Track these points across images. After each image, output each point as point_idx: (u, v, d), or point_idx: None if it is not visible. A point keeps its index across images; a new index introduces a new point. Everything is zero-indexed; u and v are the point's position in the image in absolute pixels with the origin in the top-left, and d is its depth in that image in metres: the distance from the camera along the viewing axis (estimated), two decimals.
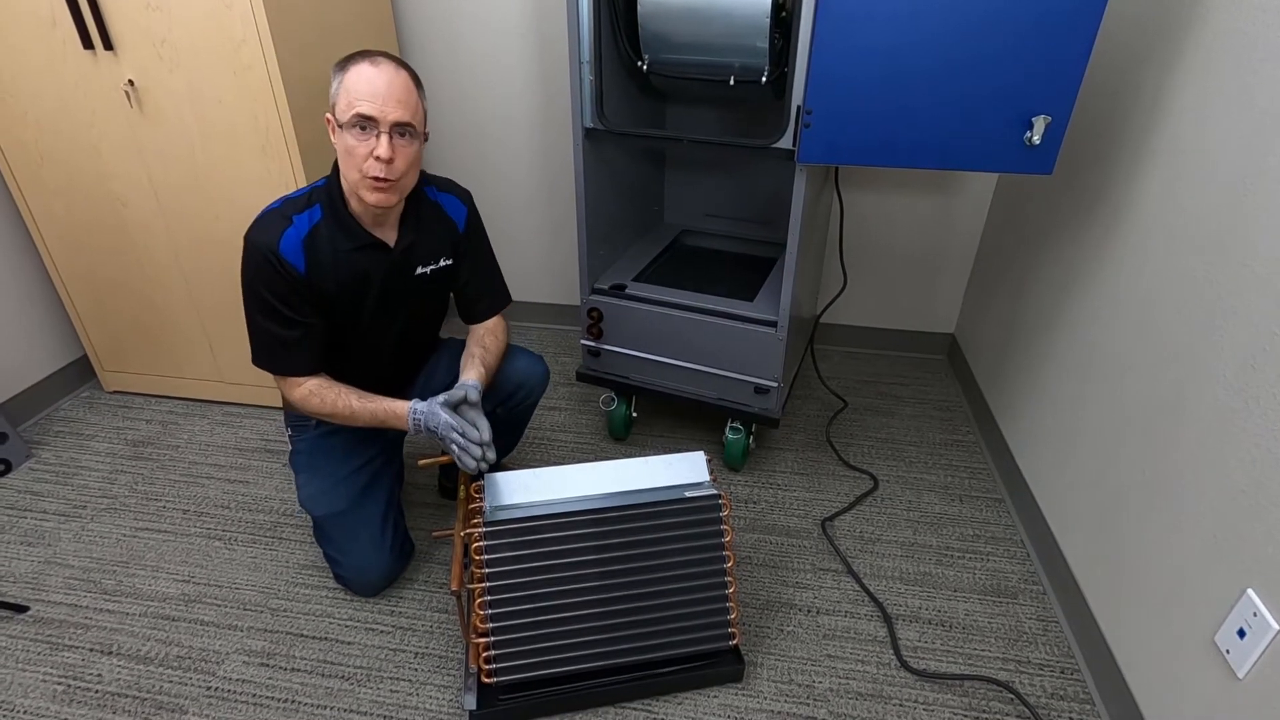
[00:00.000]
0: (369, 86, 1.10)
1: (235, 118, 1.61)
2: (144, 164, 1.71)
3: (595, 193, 1.68)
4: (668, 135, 1.81)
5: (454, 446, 1.22)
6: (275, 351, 1.26)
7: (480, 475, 1.26)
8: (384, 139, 1.12)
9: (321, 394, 1.27)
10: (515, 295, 1.56)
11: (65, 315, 2.05)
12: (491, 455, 1.24)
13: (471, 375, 1.32)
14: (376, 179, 1.14)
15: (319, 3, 1.66)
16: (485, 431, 1.24)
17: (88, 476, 1.79)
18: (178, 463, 1.84)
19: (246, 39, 1.51)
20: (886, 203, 2.14)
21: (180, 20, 1.52)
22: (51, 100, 1.66)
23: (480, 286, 1.44)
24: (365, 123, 1.11)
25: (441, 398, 1.24)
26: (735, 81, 1.52)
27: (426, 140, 1.23)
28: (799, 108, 1.33)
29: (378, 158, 1.12)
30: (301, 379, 1.27)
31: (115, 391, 2.13)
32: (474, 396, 1.27)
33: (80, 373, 2.13)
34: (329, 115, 1.17)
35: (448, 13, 2.05)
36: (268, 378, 1.29)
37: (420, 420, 1.23)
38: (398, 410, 1.25)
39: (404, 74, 1.14)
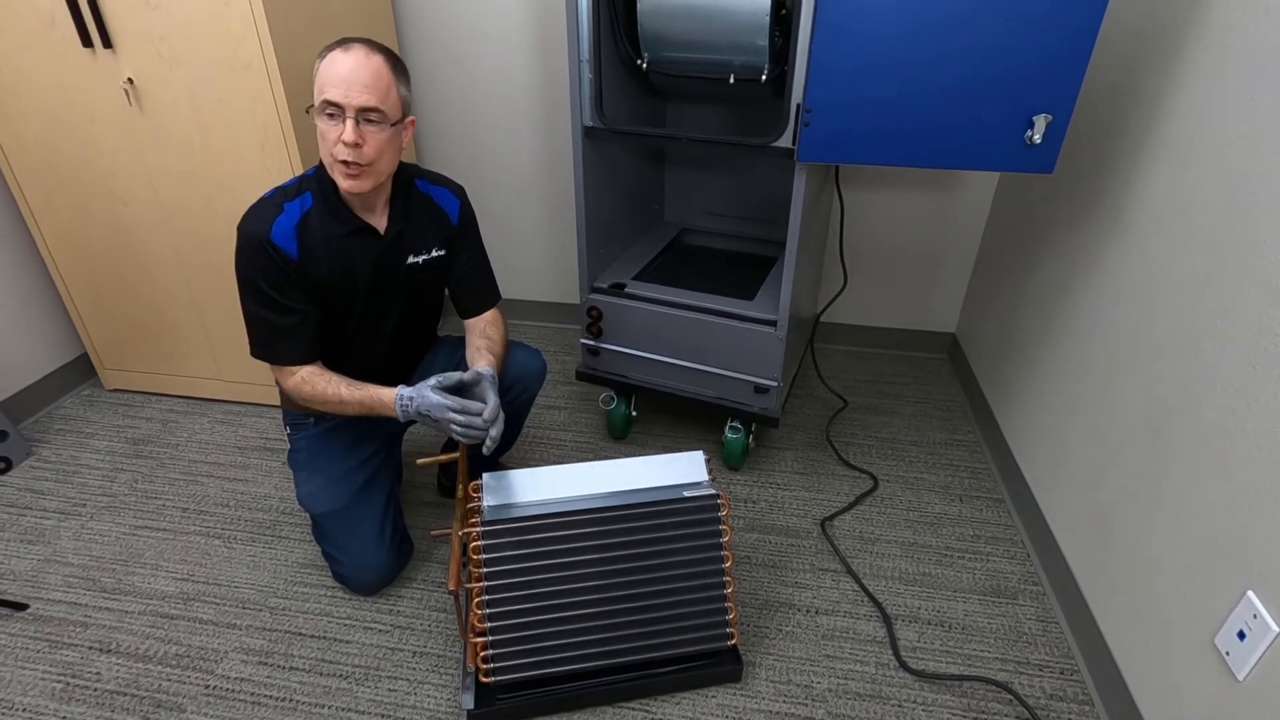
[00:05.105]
0: (336, 72, 1.12)
1: (234, 115, 1.61)
2: (143, 162, 1.71)
3: (594, 191, 1.67)
4: (667, 134, 1.80)
5: (454, 426, 1.19)
6: (271, 341, 1.27)
7: (479, 475, 1.25)
8: (349, 124, 1.12)
9: (313, 381, 1.27)
10: (514, 294, 1.56)
11: (65, 313, 2.05)
12: (496, 432, 1.21)
13: (482, 363, 1.33)
14: (345, 163, 1.15)
15: (318, 0, 1.66)
16: (491, 409, 1.21)
17: (87, 474, 1.80)
18: (177, 461, 1.84)
19: (245, 37, 1.51)
20: (887, 201, 2.13)
21: (179, 18, 1.52)
22: (51, 99, 1.66)
23: (474, 281, 1.44)
24: (332, 109, 1.13)
25: (433, 380, 1.23)
26: (735, 80, 1.52)
27: (412, 125, 1.23)
28: (799, 106, 1.32)
29: (344, 142, 1.13)
30: (295, 367, 1.28)
31: (115, 390, 2.13)
32: (488, 381, 1.26)
33: (80, 371, 2.14)
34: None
35: (447, 11, 2.05)
36: (268, 376, 1.29)
37: (409, 405, 1.22)
38: (384, 398, 1.24)
39: (376, 59, 1.14)
